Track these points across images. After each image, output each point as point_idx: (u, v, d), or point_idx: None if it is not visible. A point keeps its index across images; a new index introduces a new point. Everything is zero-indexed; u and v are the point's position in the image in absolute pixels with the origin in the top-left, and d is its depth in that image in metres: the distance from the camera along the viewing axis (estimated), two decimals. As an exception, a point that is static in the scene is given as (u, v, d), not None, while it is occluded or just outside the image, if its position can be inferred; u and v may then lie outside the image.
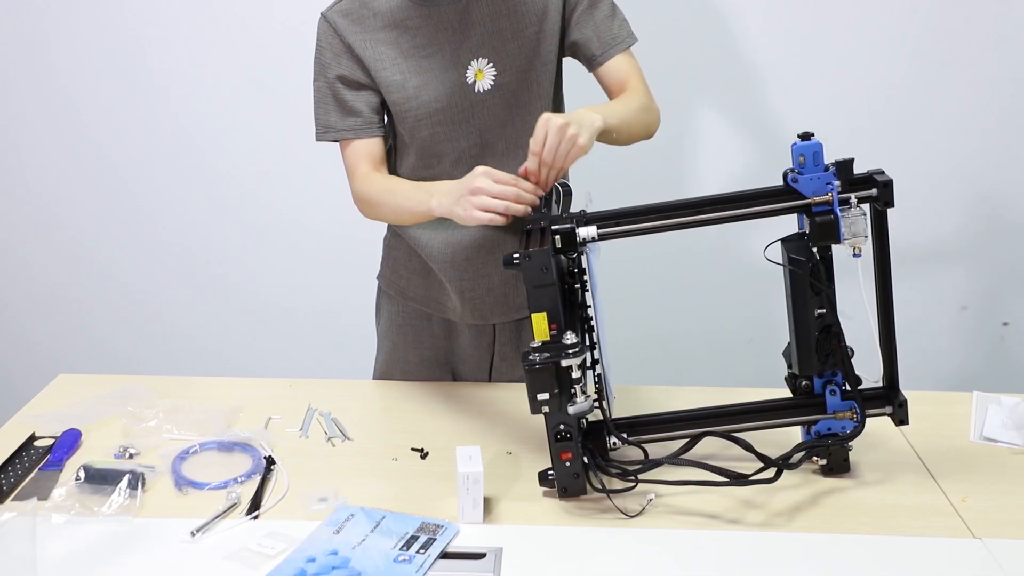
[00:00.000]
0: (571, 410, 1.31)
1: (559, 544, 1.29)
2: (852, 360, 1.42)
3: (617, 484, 1.37)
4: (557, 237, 1.36)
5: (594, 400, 1.35)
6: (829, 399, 1.42)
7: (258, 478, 1.42)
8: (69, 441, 1.51)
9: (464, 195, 1.43)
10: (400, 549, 1.25)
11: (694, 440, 1.39)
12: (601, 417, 1.42)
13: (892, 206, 1.37)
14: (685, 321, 1.84)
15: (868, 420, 1.42)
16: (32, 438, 1.53)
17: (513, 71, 1.61)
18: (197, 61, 2.47)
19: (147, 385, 1.70)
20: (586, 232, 1.37)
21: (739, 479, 1.34)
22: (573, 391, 1.30)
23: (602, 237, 1.38)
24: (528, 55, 1.61)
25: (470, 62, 1.60)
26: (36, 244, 2.69)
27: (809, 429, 1.45)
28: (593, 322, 1.40)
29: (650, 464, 1.36)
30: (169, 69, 2.48)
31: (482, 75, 1.60)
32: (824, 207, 1.35)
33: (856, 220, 1.33)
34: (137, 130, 2.54)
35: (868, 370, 1.44)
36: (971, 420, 1.64)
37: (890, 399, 1.44)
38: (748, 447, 1.37)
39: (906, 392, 1.49)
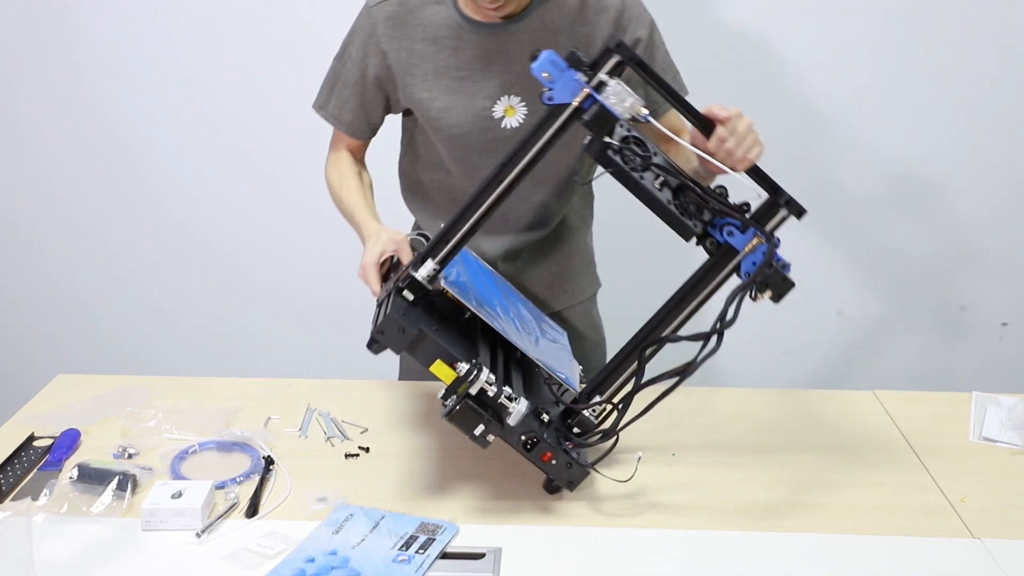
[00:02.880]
0: (511, 422, 1.30)
1: (558, 544, 1.29)
2: (729, 197, 1.36)
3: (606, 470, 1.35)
4: (408, 293, 1.35)
5: (528, 400, 1.33)
6: (734, 240, 1.35)
7: (257, 478, 1.42)
8: (68, 441, 1.51)
9: (363, 257, 1.51)
10: (399, 549, 1.25)
11: (641, 356, 1.35)
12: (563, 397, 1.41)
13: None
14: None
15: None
16: (31, 438, 1.53)
17: None
18: (215, 58, 2.46)
19: (146, 385, 1.70)
20: (425, 272, 1.35)
21: (687, 367, 1.27)
22: (502, 404, 1.30)
23: (443, 264, 1.36)
24: None
25: (501, 96, 1.58)
26: (35, 245, 2.69)
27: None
28: (494, 322, 1.40)
29: (621, 411, 1.33)
30: (187, 65, 2.47)
31: (512, 112, 1.59)
32: (588, 103, 1.29)
33: (618, 93, 1.27)
34: (140, 128, 2.54)
35: (748, 195, 1.37)
36: (970, 420, 1.64)
37: (778, 200, 1.34)
38: (692, 337, 1.30)
39: (905, 392, 1.49)
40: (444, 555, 1.25)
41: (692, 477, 1.45)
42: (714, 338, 1.26)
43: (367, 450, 1.53)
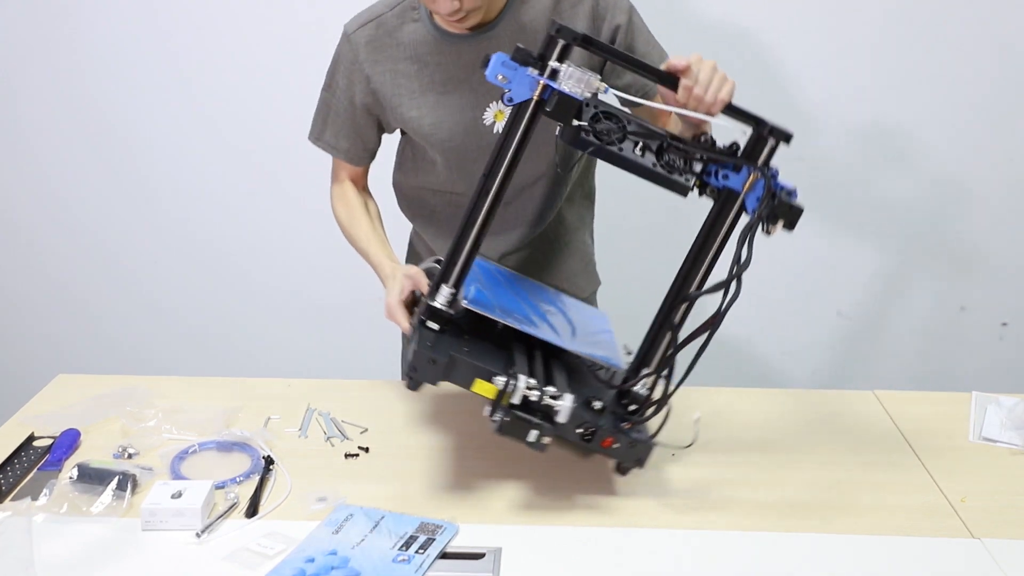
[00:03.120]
0: (561, 419, 1.30)
1: (558, 544, 1.29)
2: (717, 142, 1.35)
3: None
4: (431, 324, 1.36)
5: (574, 393, 1.33)
6: (731, 181, 1.33)
7: (257, 478, 1.42)
8: (68, 441, 1.51)
9: (385, 299, 1.51)
10: (399, 549, 1.25)
11: (671, 319, 1.36)
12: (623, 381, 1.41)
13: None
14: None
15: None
16: (31, 438, 1.53)
17: None
18: (215, 58, 2.46)
19: (146, 385, 1.70)
20: (442, 299, 1.36)
21: (715, 318, 1.26)
22: (547, 405, 1.30)
23: (457, 286, 1.37)
24: None
25: (489, 103, 1.58)
26: (35, 245, 2.69)
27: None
28: (523, 327, 1.41)
29: (667, 378, 1.33)
30: (187, 65, 2.47)
31: (503, 116, 1.59)
32: (548, 94, 1.28)
33: (573, 75, 1.27)
34: (140, 128, 2.54)
35: (735, 135, 1.36)
36: (970, 420, 1.64)
37: (762, 132, 1.32)
38: (713, 288, 1.29)
39: (905, 392, 1.48)
40: (444, 555, 1.25)
41: (692, 477, 1.45)
42: (734, 284, 1.25)
43: (367, 450, 1.53)
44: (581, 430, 1.33)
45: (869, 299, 2.64)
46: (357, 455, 1.52)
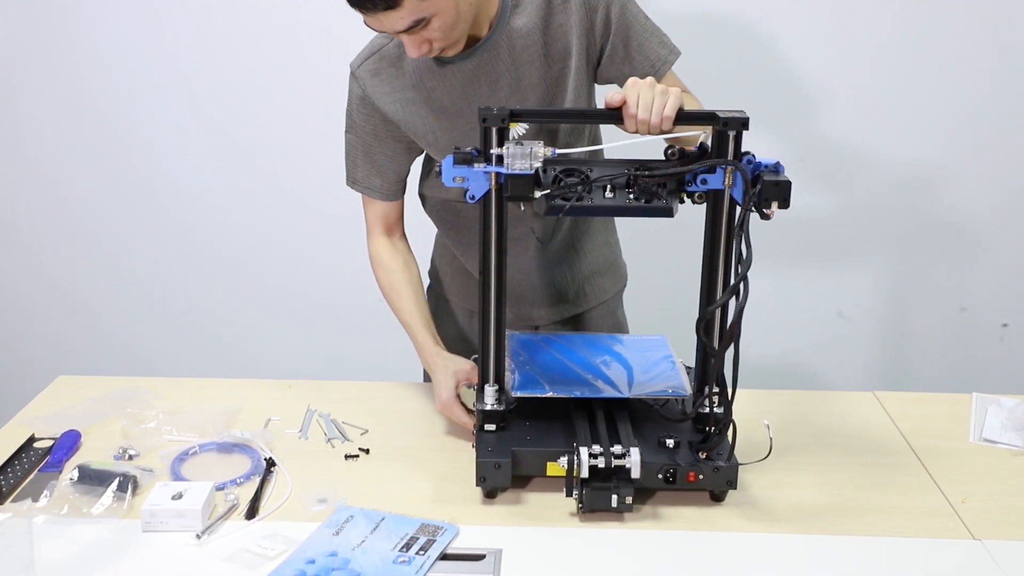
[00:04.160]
0: (634, 474, 1.30)
1: (559, 545, 1.29)
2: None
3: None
4: (488, 427, 1.40)
5: (639, 445, 1.34)
6: (710, 184, 1.32)
7: (257, 479, 1.42)
8: (68, 442, 1.51)
9: (440, 396, 1.55)
10: (400, 550, 1.25)
11: (703, 334, 1.37)
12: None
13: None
14: (688, 323, 1.86)
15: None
16: (32, 439, 1.53)
17: None
18: (215, 58, 2.46)
19: (147, 386, 1.71)
20: (490, 400, 1.40)
21: (733, 325, 1.26)
22: (618, 466, 1.30)
23: (500, 380, 1.42)
24: (550, 99, 1.57)
25: None
26: (35, 245, 2.69)
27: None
28: (576, 392, 1.44)
29: (721, 393, 1.32)
30: (187, 65, 2.47)
31: (515, 124, 1.58)
32: (502, 179, 1.30)
33: (515, 154, 1.27)
34: (140, 128, 2.54)
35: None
36: (971, 421, 1.64)
37: (720, 129, 1.30)
38: (726, 296, 1.28)
39: (905, 393, 1.48)
40: (444, 556, 1.25)
41: (692, 478, 1.46)
42: (742, 285, 1.23)
43: (367, 451, 1.53)
44: (661, 476, 1.33)
45: (869, 299, 2.64)
46: (357, 456, 1.52)
